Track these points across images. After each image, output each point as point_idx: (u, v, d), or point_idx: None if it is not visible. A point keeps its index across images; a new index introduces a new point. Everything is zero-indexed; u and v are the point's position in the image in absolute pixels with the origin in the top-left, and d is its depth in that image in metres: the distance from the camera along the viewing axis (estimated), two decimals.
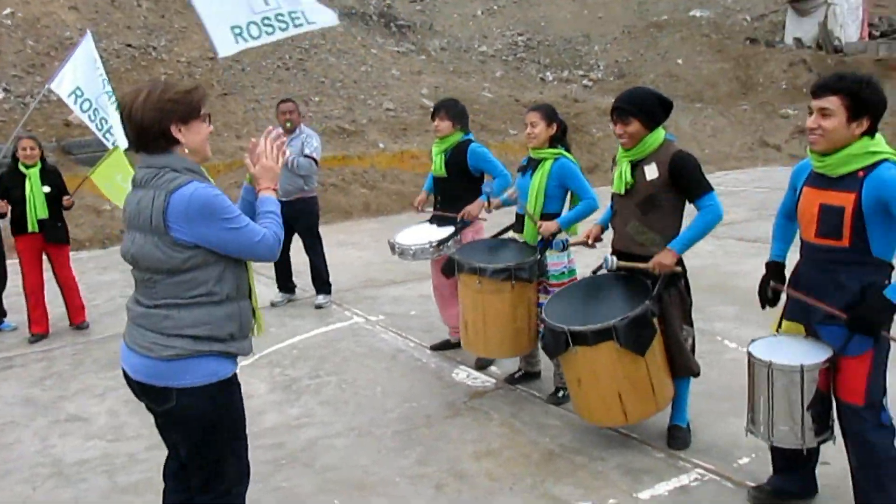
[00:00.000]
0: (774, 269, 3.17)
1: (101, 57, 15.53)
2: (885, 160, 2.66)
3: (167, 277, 2.31)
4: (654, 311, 3.49)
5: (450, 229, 4.97)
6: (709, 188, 3.56)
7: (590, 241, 3.98)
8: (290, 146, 6.59)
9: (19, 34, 14.60)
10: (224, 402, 2.43)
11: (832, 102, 2.67)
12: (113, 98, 6.97)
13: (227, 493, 2.48)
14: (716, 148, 17.40)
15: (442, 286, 5.22)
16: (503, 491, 3.43)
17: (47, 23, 15.41)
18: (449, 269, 4.57)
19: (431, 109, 5.27)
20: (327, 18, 6.67)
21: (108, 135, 6.87)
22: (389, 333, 5.93)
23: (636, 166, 3.65)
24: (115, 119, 6.79)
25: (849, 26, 21.24)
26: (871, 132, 2.70)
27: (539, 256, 4.25)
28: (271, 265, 7.24)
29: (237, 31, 6.26)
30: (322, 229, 7.10)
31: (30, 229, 6.04)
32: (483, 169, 5.02)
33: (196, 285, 2.32)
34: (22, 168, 6.06)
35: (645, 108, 3.59)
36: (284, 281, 7.05)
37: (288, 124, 6.55)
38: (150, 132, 2.31)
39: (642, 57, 21.62)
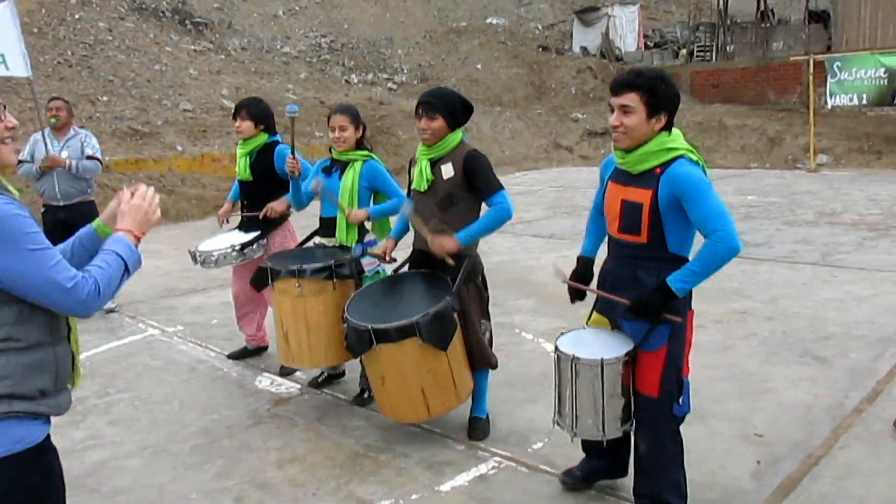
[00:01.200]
0: (584, 263, 3.25)
1: None
2: (681, 156, 2.71)
3: None
4: (454, 306, 3.59)
5: (255, 233, 4.81)
6: (499, 186, 3.70)
7: (387, 258, 4.02)
8: (67, 147, 6.27)
9: None
10: (36, 475, 1.91)
11: (632, 99, 2.69)
12: None
13: None
14: (514, 150, 18.32)
15: (241, 293, 5.04)
16: (307, 497, 3.37)
17: None
18: (260, 279, 4.28)
19: (232, 110, 5.06)
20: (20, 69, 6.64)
21: None
22: (188, 344, 5.64)
23: (434, 165, 3.73)
24: None
25: (627, 37, 23.25)
26: (668, 127, 2.76)
27: (355, 254, 4.19)
28: None
29: None
30: None
31: None
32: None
33: None
34: None
35: (450, 107, 3.68)
36: None
37: (53, 120, 6.24)
38: None
39: (444, 61, 22.27)
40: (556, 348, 2.99)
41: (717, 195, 2.70)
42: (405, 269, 4.00)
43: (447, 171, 3.70)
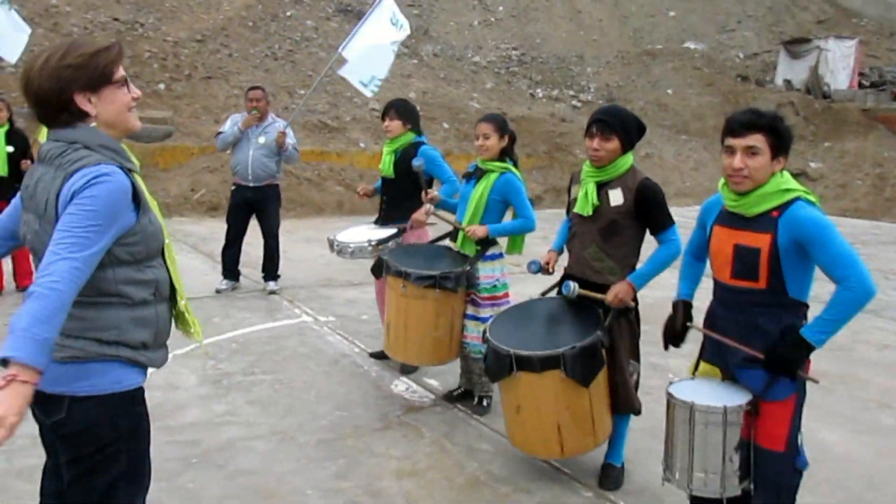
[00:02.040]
0: (683, 308, 3.04)
1: (87, 29, 15.28)
2: (798, 198, 2.57)
3: None
4: (604, 342, 3.34)
5: (392, 230, 4.86)
6: (671, 222, 3.43)
7: (551, 269, 3.82)
8: (265, 133, 6.67)
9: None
10: (125, 417, 2.02)
11: (758, 140, 2.54)
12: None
13: None
14: (696, 181, 17.40)
15: (382, 291, 5.04)
16: None
17: None
18: (378, 269, 4.52)
19: (420, 114, 5.22)
20: None
21: None
22: (336, 336, 5.73)
23: (601, 188, 3.49)
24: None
25: (839, 73, 21.40)
26: (783, 169, 2.63)
27: (468, 267, 4.12)
28: (218, 249, 7.17)
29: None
30: (291, 223, 7.07)
31: None
32: (432, 172, 4.88)
33: (101, 284, 1.94)
34: None
35: (627, 127, 3.44)
36: (232, 267, 6.99)
37: (254, 111, 6.63)
38: (50, 105, 1.93)
39: (633, 83, 21.61)
40: (670, 395, 2.75)
41: (842, 237, 2.51)
42: (551, 294, 3.77)
43: (615, 197, 3.44)
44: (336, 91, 16.20)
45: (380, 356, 5.20)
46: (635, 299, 3.51)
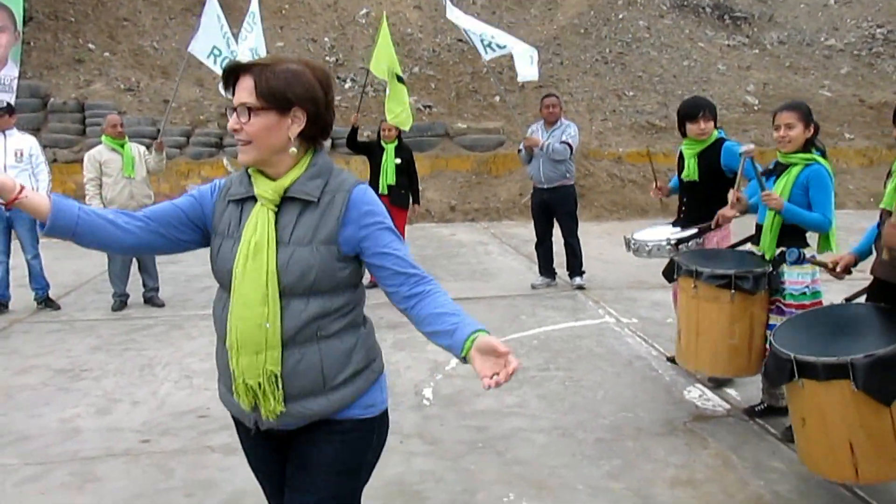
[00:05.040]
0: None
1: (434, 51, 16.91)
2: None
3: None
4: None
5: (692, 230, 4.62)
6: None
7: (838, 270, 3.39)
8: (552, 136, 6.99)
9: (370, 31, 16.44)
10: (384, 435, 2.07)
11: None
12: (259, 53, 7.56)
13: None
14: None
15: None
16: None
17: (394, 20, 17.15)
18: (669, 272, 4.31)
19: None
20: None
21: None
22: (636, 338, 5.66)
23: None
24: None
25: None
26: None
27: (770, 269, 3.75)
28: (531, 248, 7.54)
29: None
30: (612, 226, 7.23)
31: (380, 192, 7.23)
32: (735, 169, 4.53)
33: None
34: (382, 143, 7.49)
35: None
36: (546, 265, 7.38)
37: (550, 118, 7.06)
38: None
39: None
40: None
41: None
42: (860, 299, 3.32)
43: None
44: (667, 90, 15.81)
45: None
46: None
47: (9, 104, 6.95)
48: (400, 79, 7.74)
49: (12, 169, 6.38)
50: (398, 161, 7.38)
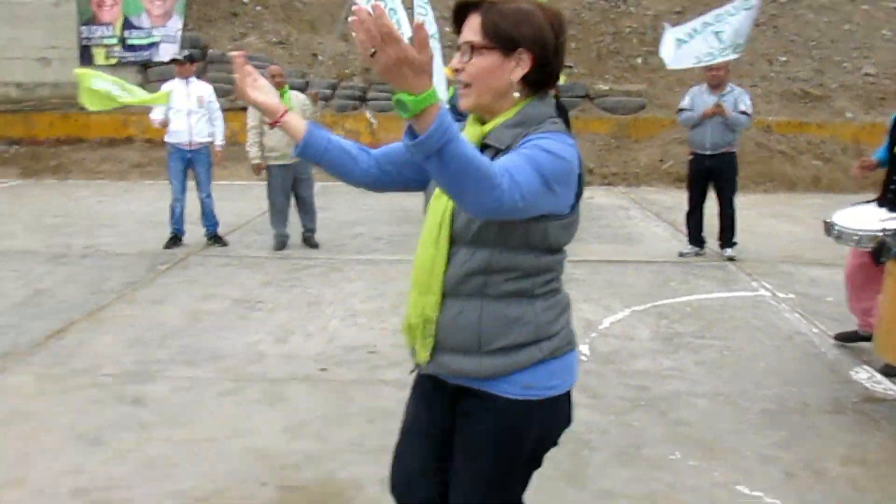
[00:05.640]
0: None
1: (575, 9, 16.59)
2: None
3: None
4: None
5: None
6: None
7: None
8: (723, 101, 6.78)
9: None
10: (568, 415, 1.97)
11: None
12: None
13: None
14: None
15: (855, 273, 4.64)
16: (866, 502, 3.08)
17: None
18: (878, 253, 3.87)
19: None
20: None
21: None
22: (794, 314, 5.52)
23: None
24: None
25: None
26: None
27: None
28: (680, 218, 7.40)
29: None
30: (760, 198, 7.04)
31: None
32: None
33: None
34: None
35: None
36: (696, 233, 7.24)
37: (714, 80, 6.89)
38: None
39: None
40: None
41: None
42: None
43: None
44: (823, 56, 14.91)
45: (846, 339, 4.84)
46: None
47: (191, 53, 7.47)
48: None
49: (195, 114, 6.88)
50: None
